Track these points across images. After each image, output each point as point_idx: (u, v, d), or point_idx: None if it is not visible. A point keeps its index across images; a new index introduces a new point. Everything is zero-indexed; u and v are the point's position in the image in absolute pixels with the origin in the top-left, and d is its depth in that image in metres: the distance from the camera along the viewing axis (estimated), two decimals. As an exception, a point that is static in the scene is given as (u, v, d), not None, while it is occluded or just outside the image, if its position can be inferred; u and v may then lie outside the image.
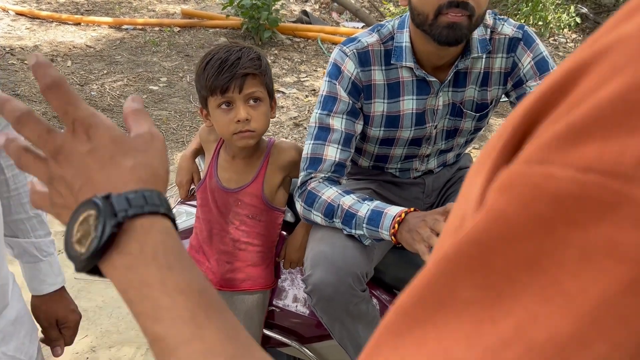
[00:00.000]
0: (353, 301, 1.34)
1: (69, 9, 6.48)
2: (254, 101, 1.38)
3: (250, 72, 1.35)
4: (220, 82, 1.34)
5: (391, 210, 1.31)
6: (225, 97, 1.36)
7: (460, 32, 1.26)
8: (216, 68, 1.35)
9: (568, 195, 0.21)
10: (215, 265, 1.51)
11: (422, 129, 1.48)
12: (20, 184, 1.05)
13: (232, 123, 1.36)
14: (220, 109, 1.38)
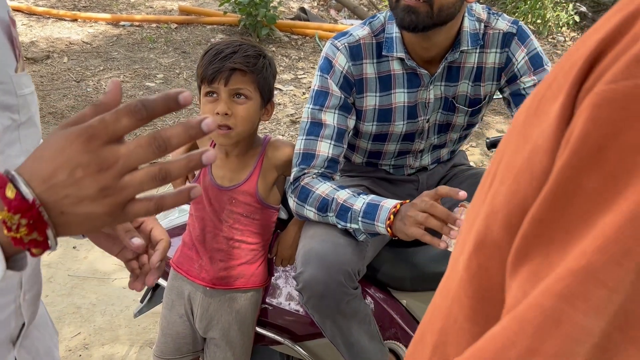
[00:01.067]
0: (345, 299, 1.33)
1: (65, 5, 6.45)
2: (238, 97, 1.37)
3: (239, 67, 1.35)
4: (208, 72, 1.36)
5: (387, 203, 1.30)
6: (211, 87, 1.37)
7: (416, 18, 1.26)
8: (210, 58, 1.38)
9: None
10: (208, 263, 1.50)
11: (414, 123, 1.47)
12: None
13: (212, 114, 1.37)
14: (206, 98, 1.40)
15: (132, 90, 4.56)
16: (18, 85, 0.69)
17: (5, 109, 0.67)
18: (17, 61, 0.71)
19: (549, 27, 6.32)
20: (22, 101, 0.70)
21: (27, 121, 0.72)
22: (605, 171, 0.30)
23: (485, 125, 4.25)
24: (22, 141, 0.71)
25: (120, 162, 0.50)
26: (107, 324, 2.28)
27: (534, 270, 0.32)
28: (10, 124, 0.68)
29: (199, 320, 1.53)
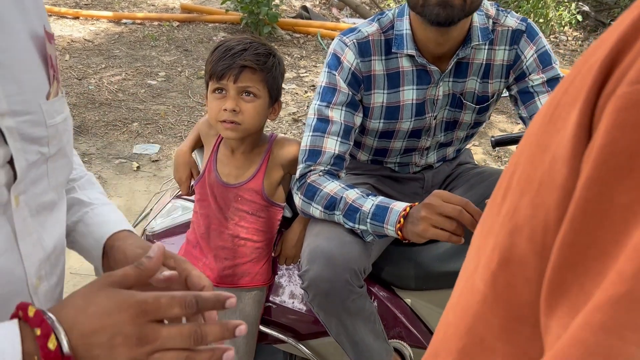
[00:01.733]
0: (350, 297, 1.32)
1: (67, 3, 6.45)
2: (247, 94, 1.36)
3: (250, 65, 1.34)
4: (218, 68, 1.35)
5: (397, 206, 1.29)
6: (220, 83, 1.36)
7: (452, 12, 1.24)
8: (220, 54, 1.37)
9: None
10: (212, 262, 1.49)
11: (421, 120, 1.46)
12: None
13: (219, 110, 1.37)
14: (214, 94, 1.39)
15: (134, 88, 4.55)
16: (49, 113, 0.61)
17: (33, 142, 0.59)
18: (51, 85, 0.62)
19: (551, 26, 6.31)
20: (53, 131, 0.62)
21: (57, 153, 0.64)
22: (634, 183, 0.26)
23: (488, 124, 4.24)
24: (50, 176, 0.63)
25: (158, 342, 0.54)
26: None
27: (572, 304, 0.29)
28: (37, 158, 0.60)
29: (202, 319, 1.52)
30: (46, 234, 0.63)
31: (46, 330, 0.52)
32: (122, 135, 3.84)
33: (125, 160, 3.53)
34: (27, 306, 0.54)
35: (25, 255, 0.59)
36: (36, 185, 0.60)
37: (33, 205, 0.60)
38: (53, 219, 0.66)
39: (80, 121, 3.96)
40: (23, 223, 0.58)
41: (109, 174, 3.37)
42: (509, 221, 0.35)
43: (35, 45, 0.60)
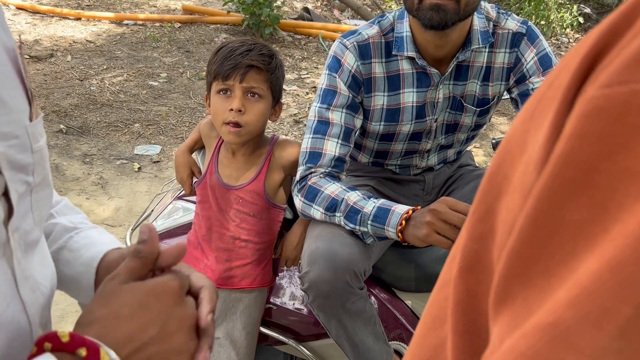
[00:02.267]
0: (350, 299, 1.32)
1: (69, 4, 6.46)
2: (252, 95, 1.36)
3: (256, 64, 1.35)
4: (224, 68, 1.35)
5: (399, 208, 1.29)
6: (226, 84, 1.36)
7: (445, 15, 1.24)
8: (225, 54, 1.36)
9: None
10: (214, 263, 1.49)
11: (422, 122, 1.47)
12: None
13: (225, 111, 1.36)
14: (218, 95, 1.38)
15: (136, 89, 4.56)
16: (34, 136, 0.52)
17: (20, 170, 0.51)
18: (31, 104, 0.54)
19: (552, 29, 6.31)
20: (38, 157, 0.54)
21: (41, 182, 0.55)
22: (593, 200, 0.23)
23: (489, 126, 4.24)
24: (35, 209, 0.55)
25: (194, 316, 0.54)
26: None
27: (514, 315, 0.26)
28: (24, 190, 0.52)
29: (203, 320, 1.52)
30: (40, 277, 0.57)
31: (94, 347, 0.46)
32: (123, 136, 3.85)
33: (127, 161, 3.54)
34: (53, 335, 0.48)
35: (27, 302, 0.53)
36: (24, 220, 0.53)
37: (22, 245, 0.53)
38: (40, 258, 0.59)
39: (82, 122, 3.96)
40: (19, 266, 0.52)
41: (110, 174, 3.38)
42: (480, 223, 0.32)
43: (10, 60, 0.52)
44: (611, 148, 0.23)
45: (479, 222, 0.33)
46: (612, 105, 0.23)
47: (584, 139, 0.24)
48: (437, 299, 0.37)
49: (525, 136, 0.30)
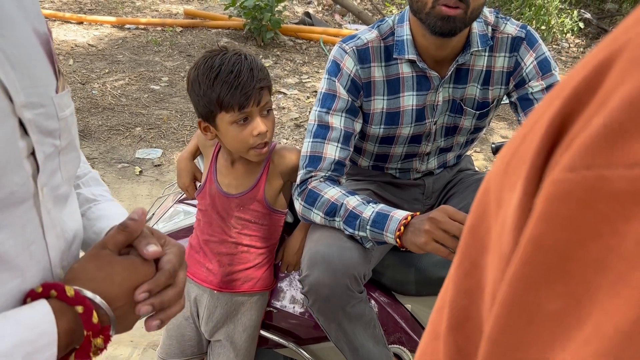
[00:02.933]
0: (350, 302, 1.33)
1: (72, 8, 6.48)
2: (267, 112, 1.36)
3: (265, 85, 1.32)
4: (239, 98, 1.28)
5: (397, 214, 1.30)
6: (244, 112, 1.30)
7: (454, 24, 1.26)
8: (230, 82, 1.27)
9: (621, 192, 0.21)
10: (216, 267, 1.49)
11: (421, 125, 1.47)
12: None
13: (250, 137, 1.32)
14: (234, 125, 1.32)
15: (137, 93, 4.57)
16: (59, 107, 0.63)
17: (48, 134, 0.61)
18: (57, 79, 0.64)
19: (553, 34, 6.33)
20: (64, 124, 0.65)
21: (68, 145, 0.66)
22: (568, 289, 0.23)
23: (489, 130, 4.25)
24: (63, 169, 0.66)
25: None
26: (110, 326, 2.28)
27: None
28: (52, 151, 0.63)
29: (205, 323, 1.52)
30: (65, 226, 0.68)
31: (88, 308, 0.59)
32: (124, 140, 3.86)
33: (128, 165, 3.55)
34: (61, 286, 0.59)
35: (51, 246, 0.63)
36: (53, 178, 0.64)
37: (52, 198, 0.64)
38: (69, 211, 0.71)
39: (84, 126, 3.98)
40: (48, 215, 0.62)
41: (112, 178, 3.39)
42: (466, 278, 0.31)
43: (39, 41, 0.62)
44: (582, 236, 0.22)
45: (465, 277, 0.32)
46: (580, 190, 0.22)
47: (554, 224, 0.23)
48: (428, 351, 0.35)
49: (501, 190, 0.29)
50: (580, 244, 0.22)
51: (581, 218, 0.22)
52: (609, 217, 0.22)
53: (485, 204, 0.30)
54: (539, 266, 0.23)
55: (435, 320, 0.36)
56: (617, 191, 0.21)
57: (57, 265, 0.66)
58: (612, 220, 0.22)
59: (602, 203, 0.22)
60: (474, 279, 0.31)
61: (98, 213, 0.83)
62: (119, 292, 0.63)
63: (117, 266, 0.64)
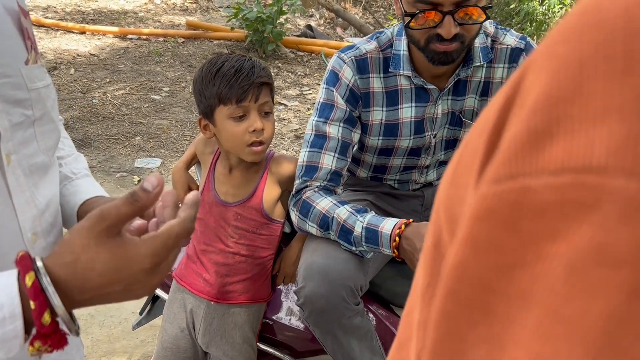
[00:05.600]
0: (346, 314, 1.31)
1: (74, 18, 6.52)
2: (266, 113, 1.36)
3: (266, 81, 1.34)
4: (237, 91, 1.30)
5: (385, 228, 1.29)
6: (241, 106, 1.32)
7: (452, 57, 1.28)
8: (231, 76, 1.31)
9: (547, 204, 0.18)
10: (213, 278, 1.48)
11: (421, 138, 1.46)
12: None
13: (246, 133, 1.33)
14: (231, 119, 1.33)
15: (138, 103, 4.58)
16: (29, 78, 0.65)
17: (16, 104, 0.63)
18: (29, 52, 0.67)
19: (554, 49, 6.36)
20: (35, 95, 0.66)
21: (43, 117, 0.68)
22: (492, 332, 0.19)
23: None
24: (39, 139, 0.68)
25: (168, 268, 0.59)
26: (105, 336, 2.25)
27: None
28: (22, 120, 0.64)
29: (202, 335, 1.50)
30: (39, 194, 0.67)
31: (41, 308, 0.52)
32: (124, 149, 3.86)
33: (127, 174, 3.54)
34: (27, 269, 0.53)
35: (19, 209, 0.63)
36: (26, 146, 0.65)
37: (26, 166, 0.64)
38: (46, 180, 0.70)
39: (83, 134, 3.97)
40: (16, 181, 0.63)
41: (110, 187, 3.38)
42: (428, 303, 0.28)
43: (11, 16, 0.64)
44: (505, 263, 0.19)
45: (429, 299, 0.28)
46: (503, 207, 0.19)
47: (477, 249, 0.20)
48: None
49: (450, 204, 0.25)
50: (503, 273, 0.19)
51: (505, 241, 0.19)
52: (534, 238, 0.18)
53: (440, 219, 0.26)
54: (461, 301, 0.20)
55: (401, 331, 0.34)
56: (542, 205, 0.18)
57: (28, 230, 0.65)
58: (537, 242, 0.18)
59: (526, 221, 0.18)
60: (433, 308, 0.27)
61: (72, 189, 0.80)
62: (99, 282, 0.54)
63: (104, 251, 0.54)
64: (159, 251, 0.55)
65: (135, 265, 0.55)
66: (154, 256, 0.55)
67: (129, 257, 0.55)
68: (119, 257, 0.54)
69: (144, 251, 0.55)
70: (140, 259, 0.55)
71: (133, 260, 0.55)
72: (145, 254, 0.55)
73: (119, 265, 0.54)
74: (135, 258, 0.55)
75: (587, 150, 0.17)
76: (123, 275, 0.55)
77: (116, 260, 0.54)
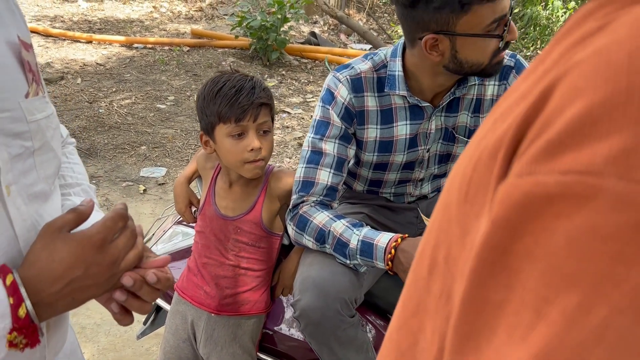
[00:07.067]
0: (341, 327, 1.34)
1: (81, 27, 6.59)
2: (264, 133, 1.40)
3: (265, 102, 1.38)
4: (236, 110, 1.35)
5: (381, 241, 1.32)
6: (240, 125, 1.36)
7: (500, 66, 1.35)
8: (231, 96, 1.35)
9: (554, 194, 0.25)
10: (214, 290, 1.51)
11: (414, 152, 1.50)
12: None
13: (244, 152, 1.37)
14: (230, 137, 1.38)
15: (143, 112, 4.63)
16: (29, 111, 0.67)
17: (15, 136, 0.65)
18: (29, 85, 0.68)
19: (557, 54, 6.34)
20: (35, 127, 0.68)
21: (42, 146, 0.70)
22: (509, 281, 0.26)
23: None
24: (39, 168, 0.70)
25: (122, 253, 0.69)
26: (110, 345, 2.29)
27: None
28: (22, 151, 0.66)
29: (203, 346, 1.54)
30: (42, 220, 0.70)
31: (18, 301, 0.61)
32: (130, 159, 3.90)
33: (132, 183, 3.59)
34: (7, 272, 0.62)
35: (21, 237, 0.66)
36: (26, 176, 0.68)
37: (25, 195, 0.67)
38: (49, 208, 0.73)
39: (90, 144, 4.03)
40: (17, 211, 0.66)
41: (116, 196, 3.42)
42: (444, 307, 0.34)
43: (11, 51, 0.66)
44: (517, 232, 0.26)
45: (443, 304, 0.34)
46: (519, 193, 0.26)
47: (497, 224, 0.27)
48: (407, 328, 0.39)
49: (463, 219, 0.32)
50: (515, 239, 0.26)
51: (517, 218, 0.26)
52: (541, 215, 0.25)
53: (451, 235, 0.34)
54: (486, 262, 0.27)
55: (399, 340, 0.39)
56: (550, 193, 0.25)
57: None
58: (543, 218, 0.25)
59: (536, 203, 0.25)
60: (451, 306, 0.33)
61: None
62: (60, 269, 0.64)
63: (58, 242, 0.65)
64: (100, 228, 0.67)
65: (84, 244, 0.65)
66: (98, 233, 0.66)
67: (78, 240, 0.66)
68: (70, 242, 0.65)
69: (89, 232, 0.67)
70: (87, 238, 0.66)
71: (82, 242, 0.66)
72: (90, 233, 0.67)
73: (72, 248, 0.65)
74: (83, 240, 0.66)
75: (590, 159, 0.24)
76: (79, 256, 0.65)
77: (68, 245, 0.65)
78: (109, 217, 0.68)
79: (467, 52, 1.26)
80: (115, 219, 0.68)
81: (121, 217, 0.69)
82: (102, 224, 0.67)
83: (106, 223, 0.67)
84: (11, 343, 0.60)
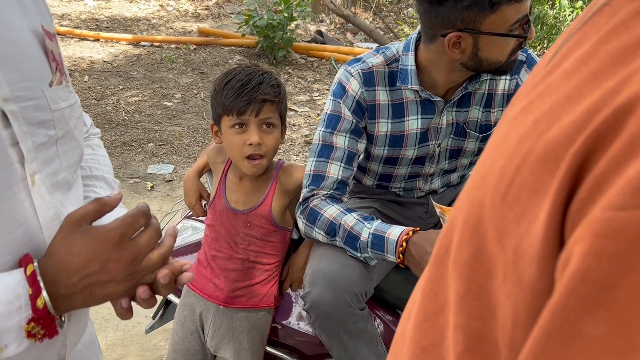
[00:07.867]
0: (351, 319, 1.34)
1: (89, 25, 6.61)
2: (267, 126, 1.40)
3: (269, 98, 1.38)
4: (238, 104, 1.36)
5: (392, 234, 1.32)
6: (241, 119, 1.38)
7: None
8: (236, 89, 1.37)
9: None
10: (223, 283, 1.52)
11: (425, 147, 1.50)
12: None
13: (244, 145, 1.38)
14: (233, 129, 1.39)
15: (150, 109, 4.64)
16: (52, 99, 0.67)
17: (40, 125, 0.65)
18: (53, 74, 0.69)
19: (564, 53, 6.33)
20: (58, 116, 0.68)
21: (65, 135, 0.70)
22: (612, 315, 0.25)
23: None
24: (61, 157, 0.70)
25: (142, 251, 0.66)
26: (119, 340, 2.30)
27: None
28: (45, 140, 0.66)
29: (210, 338, 1.54)
30: (65, 210, 0.70)
31: (36, 292, 0.60)
32: (137, 156, 3.92)
33: (140, 180, 3.60)
34: (29, 262, 0.62)
35: (45, 226, 0.66)
36: (49, 165, 0.67)
37: (49, 184, 0.67)
38: (71, 197, 0.73)
39: (97, 141, 4.04)
40: (41, 199, 0.65)
41: (123, 193, 3.44)
42: (475, 301, 0.34)
43: (37, 39, 0.67)
44: (629, 267, 0.24)
45: (475, 300, 0.34)
46: (629, 228, 0.24)
47: (601, 259, 0.25)
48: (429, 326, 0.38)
49: (500, 221, 0.31)
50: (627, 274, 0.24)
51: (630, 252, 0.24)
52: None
53: (483, 232, 0.33)
54: (582, 296, 0.25)
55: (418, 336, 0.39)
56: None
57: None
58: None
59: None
60: (484, 302, 0.33)
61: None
62: (78, 262, 0.63)
63: (77, 236, 0.64)
64: (119, 224, 0.65)
65: (102, 239, 0.64)
66: (116, 228, 0.64)
67: (97, 234, 0.64)
68: (89, 236, 0.64)
69: (108, 227, 0.65)
70: (105, 233, 0.64)
71: (100, 237, 0.64)
72: (109, 229, 0.65)
73: (90, 242, 0.64)
74: (101, 234, 0.64)
75: None
76: (96, 251, 0.64)
77: (87, 238, 0.64)
78: (130, 213, 0.67)
79: (489, 50, 1.27)
80: (137, 215, 0.66)
81: (143, 214, 0.67)
82: (122, 219, 0.65)
83: (126, 219, 0.66)
84: (29, 333, 0.60)
